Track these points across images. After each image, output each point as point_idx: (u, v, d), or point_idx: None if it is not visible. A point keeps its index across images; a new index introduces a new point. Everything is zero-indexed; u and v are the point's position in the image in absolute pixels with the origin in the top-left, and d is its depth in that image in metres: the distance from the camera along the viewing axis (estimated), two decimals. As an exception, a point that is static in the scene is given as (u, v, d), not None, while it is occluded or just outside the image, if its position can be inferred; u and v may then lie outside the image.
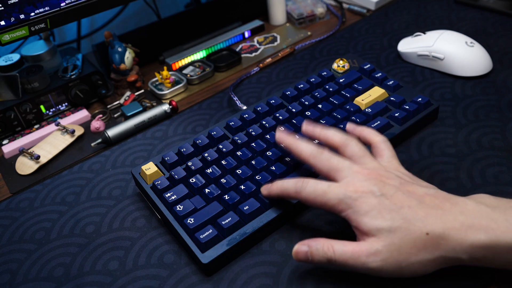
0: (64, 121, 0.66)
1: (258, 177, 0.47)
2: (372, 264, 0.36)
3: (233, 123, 0.55)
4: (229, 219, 0.44)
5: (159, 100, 0.69)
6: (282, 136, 0.46)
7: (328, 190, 0.39)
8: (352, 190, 0.38)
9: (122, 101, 0.69)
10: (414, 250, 0.36)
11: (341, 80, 0.60)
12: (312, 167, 0.43)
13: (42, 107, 0.66)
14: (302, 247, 0.39)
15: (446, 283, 0.39)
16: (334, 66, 0.64)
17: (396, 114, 0.53)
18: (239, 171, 0.48)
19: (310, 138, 0.47)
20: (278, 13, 0.83)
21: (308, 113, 0.55)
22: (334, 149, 0.44)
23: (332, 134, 0.44)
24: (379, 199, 0.37)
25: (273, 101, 0.58)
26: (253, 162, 0.49)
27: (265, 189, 0.45)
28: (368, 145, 0.45)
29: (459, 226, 0.35)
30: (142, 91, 0.71)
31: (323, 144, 0.45)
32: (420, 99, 0.54)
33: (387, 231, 0.36)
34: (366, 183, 0.39)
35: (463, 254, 0.35)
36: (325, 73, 0.61)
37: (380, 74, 0.60)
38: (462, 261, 0.36)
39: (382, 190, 0.38)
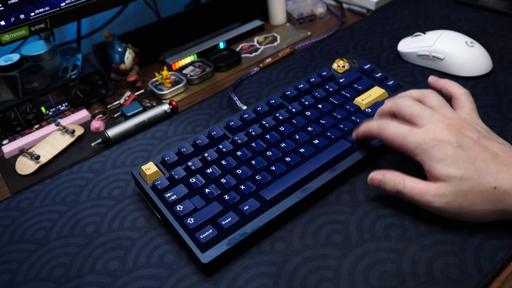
0: (64, 121, 0.66)
1: (258, 177, 0.47)
2: (437, 204, 0.40)
3: (233, 123, 0.55)
4: (229, 219, 0.44)
5: (159, 100, 0.69)
6: (357, 131, 0.49)
7: (408, 133, 0.42)
8: (431, 138, 0.41)
9: (122, 101, 0.69)
10: (479, 200, 0.39)
11: (341, 80, 0.60)
12: (396, 113, 0.46)
13: (42, 108, 0.66)
14: (378, 175, 0.44)
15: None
16: (334, 66, 0.64)
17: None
18: (239, 171, 0.48)
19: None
20: (278, 13, 0.83)
21: (308, 113, 0.55)
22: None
23: (411, 91, 0.48)
24: (456, 150, 0.40)
25: (273, 101, 0.58)
26: (253, 162, 0.49)
27: (354, 134, 0.49)
28: (449, 97, 0.48)
29: None
30: (142, 91, 0.71)
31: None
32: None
33: (458, 179, 0.39)
34: (446, 132, 0.41)
35: None
36: (325, 73, 0.61)
37: (380, 74, 0.60)
38: None
39: (460, 141, 0.40)
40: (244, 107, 0.62)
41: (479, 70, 0.62)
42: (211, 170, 0.49)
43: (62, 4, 0.61)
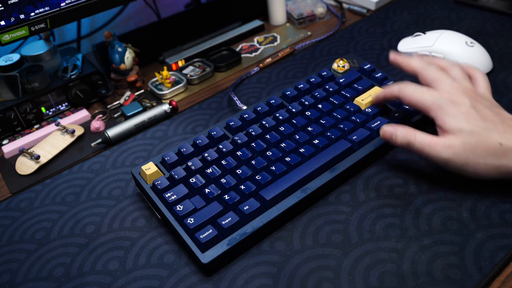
0: (64, 121, 0.66)
1: (258, 177, 0.47)
2: (444, 155, 0.43)
3: (233, 123, 0.55)
4: (229, 219, 0.44)
5: (159, 100, 0.69)
6: (394, 56, 0.52)
7: (426, 92, 0.46)
8: (447, 97, 0.44)
9: (122, 101, 0.69)
10: (484, 153, 0.42)
11: (341, 80, 0.60)
12: (419, 73, 0.49)
13: (42, 108, 0.66)
14: (390, 128, 0.47)
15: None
16: (334, 66, 0.64)
17: (396, 114, 0.53)
18: (239, 171, 0.48)
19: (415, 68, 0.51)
20: (278, 13, 0.83)
21: (308, 113, 0.55)
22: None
23: (440, 60, 0.51)
24: (469, 109, 0.43)
25: (273, 101, 0.58)
26: (253, 162, 0.49)
27: (374, 98, 0.54)
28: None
29: None
30: (142, 91, 0.71)
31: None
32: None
33: (468, 133, 0.42)
34: (461, 95, 0.44)
35: None
36: (325, 73, 0.61)
37: (380, 74, 0.60)
38: None
39: (473, 104, 0.44)
40: (244, 107, 0.62)
41: (479, 70, 0.62)
42: (211, 170, 0.49)
43: (62, 4, 0.61)
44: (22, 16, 0.58)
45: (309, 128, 0.53)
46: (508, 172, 0.42)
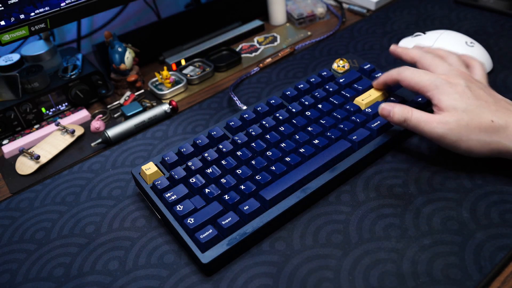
0: (64, 121, 0.66)
1: (258, 177, 0.47)
2: (439, 130, 0.45)
3: (233, 123, 0.55)
4: (229, 219, 0.44)
5: (159, 100, 0.69)
6: (394, 47, 0.55)
7: (424, 74, 0.48)
8: (444, 78, 0.47)
9: (122, 101, 0.69)
10: (477, 130, 0.44)
11: (341, 80, 0.60)
12: (417, 61, 0.51)
13: (43, 108, 0.66)
14: (388, 106, 0.49)
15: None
16: (334, 66, 0.64)
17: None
18: (239, 171, 0.48)
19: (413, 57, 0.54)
20: (278, 13, 0.83)
21: (308, 113, 0.55)
22: None
23: (438, 50, 0.53)
24: (464, 89, 0.45)
25: (273, 101, 0.58)
26: (253, 162, 0.49)
27: (374, 83, 0.56)
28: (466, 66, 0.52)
29: None
30: (142, 91, 0.71)
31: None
32: (420, 99, 0.54)
33: (462, 110, 0.44)
34: (457, 77, 0.47)
35: None
36: (325, 73, 0.61)
37: (380, 74, 0.60)
38: (511, 151, 0.44)
39: (468, 85, 0.46)
40: (244, 107, 0.62)
41: (479, 70, 0.62)
42: (211, 170, 0.49)
43: (62, 4, 0.61)
44: (22, 16, 0.58)
45: (309, 128, 0.53)
46: (498, 149, 0.44)
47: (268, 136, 0.52)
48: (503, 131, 0.43)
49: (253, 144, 0.51)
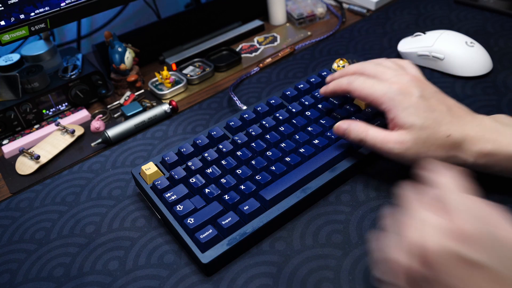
0: (64, 121, 0.66)
1: (258, 177, 0.47)
2: (396, 150, 0.44)
3: (233, 123, 0.55)
4: (229, 219, 0.44)
5: (159, 100, 0.69)
6: (323, 89, 0.52)
7: (376, 83, 0.46)
8: (397, 87, 0.45)
9: (122, 101, 0.69)
10: (434, 146, 0.43)
11: (341, 80, 0.59)
12: (360, 74, 0.49)
13: (43, 109, 0.66)
14: (344, 124, 0.47)
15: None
16: (334, 66, 0.64)
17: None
18: (239, 171, 0.48)
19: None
20: (278, 13, 0.83)
21: (308, 113, 0.55)
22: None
23: (368, 62, 0.50)
24: (418, 100, 0.44)
25: (273, 101, 0.58)
26: (253, 162, 0.49)
27: (322, 89, 0.52)
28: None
29: (473, 134, 0.42)
30: (142, 91, 0.71)
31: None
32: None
33: (419, 127, 0.43)
34: (410, 83, 0.45)
35: (470, 158, 0.43)
36: (325, 73, 0.61)
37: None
38: (468, 164, 0.43)
39: (422, 92, 0.44)
40: (244, 107, 0.62)
41: (479, 70, 0.62)
42: (211, 170, 0.49)
43: (62, 4, 0.61)
44: (22, 16, 0.58)
45: (309, 128, 0.53)
46: (456, 162, 0.44)
47: (268, 136, 0.52)
48: (458, 146, 0.43)
49: (253, 144, 0.51)
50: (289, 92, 0.59)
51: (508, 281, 0.28)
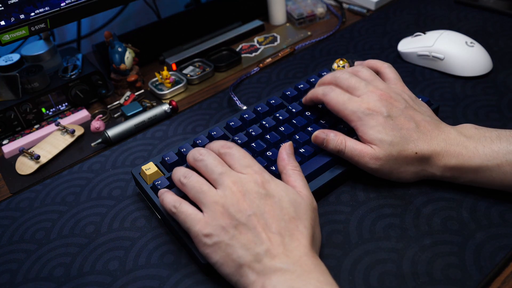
0: (64, 121, 0.66)
1: (258, 177, 0.47)
2: (372, 166, 0.46)
3: (233, 123, 0.55)
4: (229, 219, 0.44)
5: (159, 100, 0.69)
6: (304, 100, 0.55)
7: (347, 101, 0.48)
8: (366, 107, 0.46)
9: (122, 101, 0.69)
10: (404, 163, 0.46)
11: (341, 80, 0.59)
12: (334, 85, 0.50)
13: (43, 109, 0.66)
14: (322, 134, 0.48)
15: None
16: (334, 66, 0.64)
17: None
18: (239, 171, 0.48)
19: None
20: (278, 13, 0.84)
21: (308, 113, 0.55)
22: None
23: (344, 70, 0.52)
24: (386, 119, 0.46)
25: (273, 101, 0.58)
26: (253, 162, 0.49)
27: (303, 99, 0.55)
28: (376, 72, 0.53)
29: (439, 150, 0.45)
30: (142, 91, 0.71)
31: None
32: (420, 99, 0.54)
33: (388, 144, 0.45)
34: (378, 103, 0.47)
35: (437, 171, 0.46)
36: (325, 73, 0.61)
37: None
38: (436, 177, 0.47)
39: (389, 112, 0.46)
40: (244, 107, 0.62)
41: (479, 70, 0.62)
42: (211, 170, 0.49)
43: (62, 4, 0.61)
44: (22, 16, 0.58)
45: (309, 128, 0.53)
46: (426, 175, 0.47)
47: (268, 136, 0.52)
48: (426, 161, 0.46)
49: (253, 144, 0.51)
50: (289, 92, 0.59)
51: None
